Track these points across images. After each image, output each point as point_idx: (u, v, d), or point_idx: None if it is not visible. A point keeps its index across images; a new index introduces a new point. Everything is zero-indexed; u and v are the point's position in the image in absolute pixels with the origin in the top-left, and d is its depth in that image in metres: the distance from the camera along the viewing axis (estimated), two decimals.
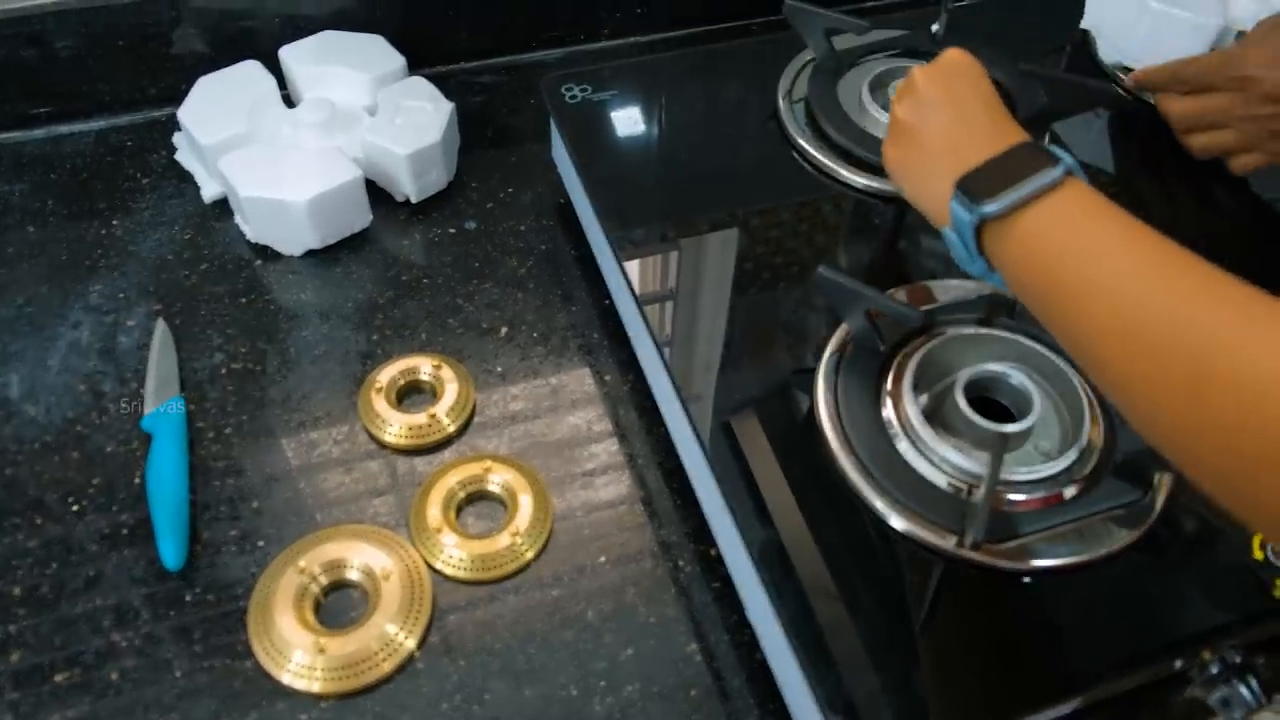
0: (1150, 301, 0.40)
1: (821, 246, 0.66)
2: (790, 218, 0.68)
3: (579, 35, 0.90)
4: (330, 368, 0.66)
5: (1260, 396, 0.35)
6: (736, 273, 0.65)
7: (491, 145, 0.82)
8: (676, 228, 0.67)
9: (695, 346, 0.62)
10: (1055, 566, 0.50)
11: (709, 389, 0.59)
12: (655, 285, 0.65)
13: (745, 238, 0.66)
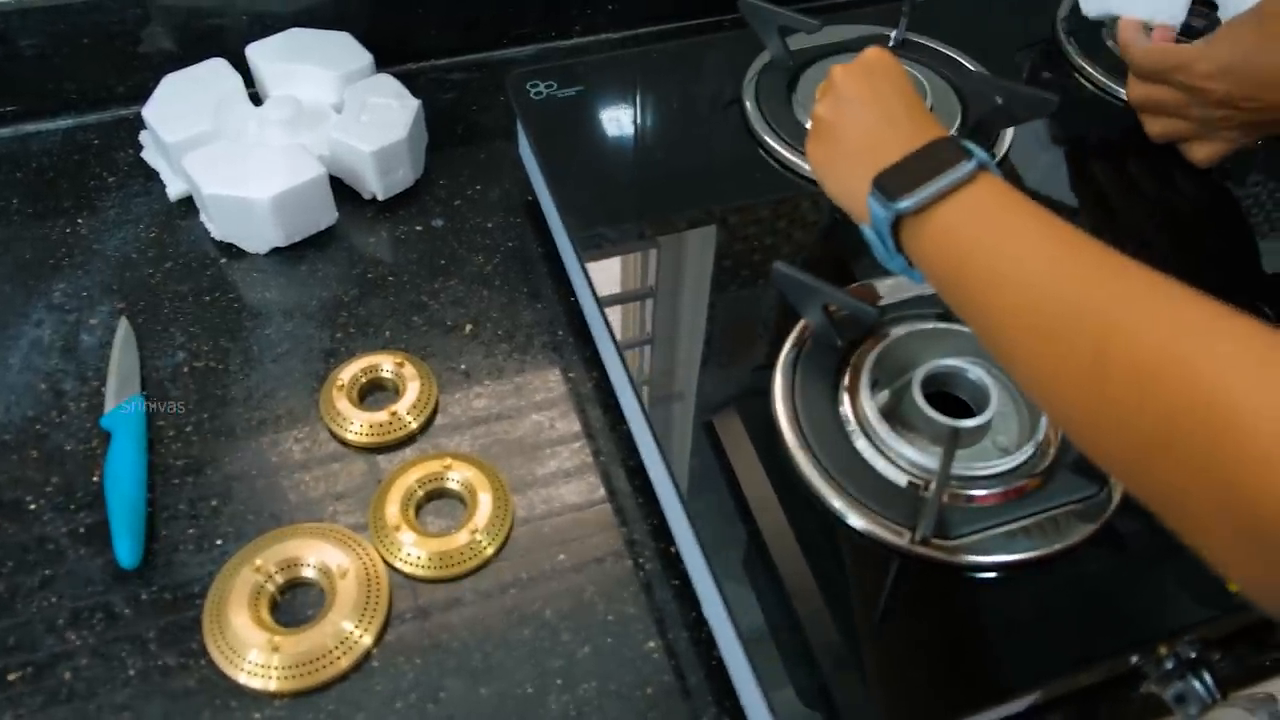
0: (1053, 286, 0.41)
1: (785, 242, 0.66)
2: (756, 214, 0.68)
3: (550, 32, 0.90)
4: (293, 366, 0.66)
5: (1154, 379, 0.35)
6: (699, 269, 0.65)
7: (460, 142, 0.81)
8: (640, 225, 0.67)
9: (655, 345, 0.62)
10: (1011, 562, 0.50)
11: (669, 388, 0.59)
12: (621, 284, 0.65)
13: (711, 235, 0.66)
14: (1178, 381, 0.34)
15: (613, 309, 0.62)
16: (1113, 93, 0.77)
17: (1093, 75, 0.78)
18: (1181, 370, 0.35)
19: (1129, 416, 0.36)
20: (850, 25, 0.78)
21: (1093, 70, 0.78)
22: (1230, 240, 0.70)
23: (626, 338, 0.62)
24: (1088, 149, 0.74)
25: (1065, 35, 0.81)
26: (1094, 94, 0.78)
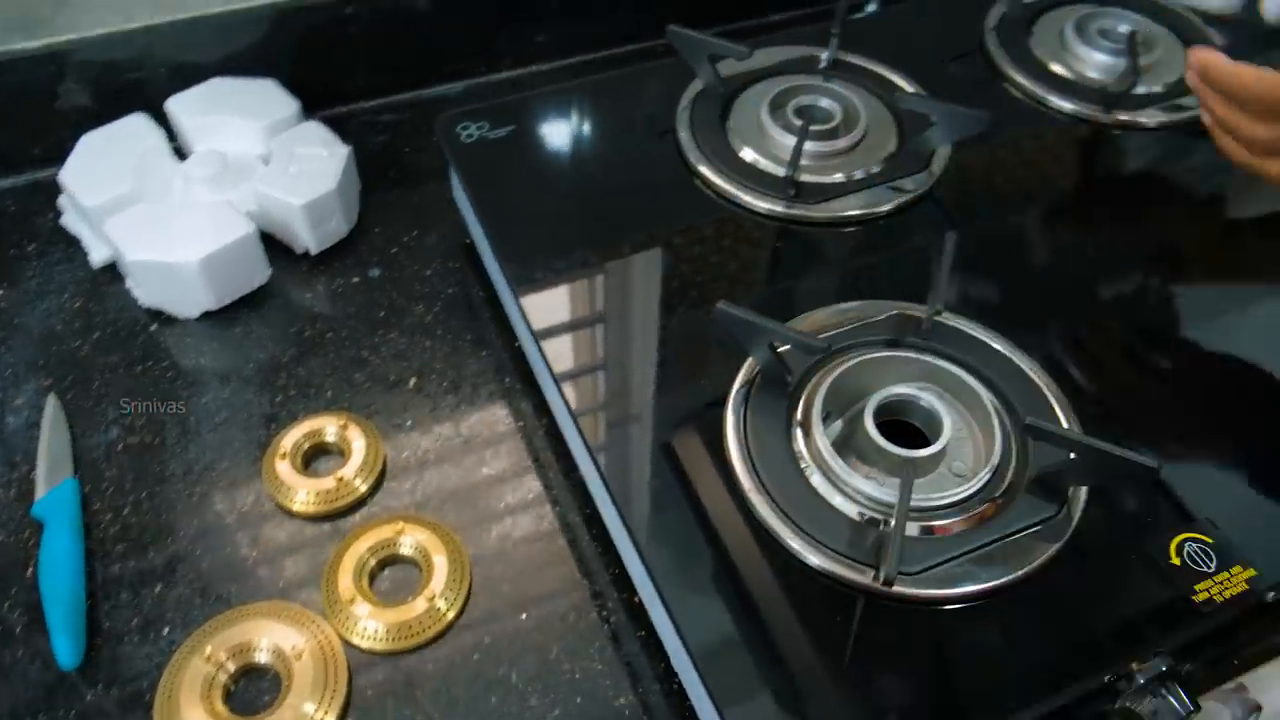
0: None
1: (725, 272, 0.65)
2: (700, 234, 0.67)
3: (480, 68, 0.89)
4: (232, 435, 0.64)
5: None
6: (646, 293, 0.64)
7: (394, 186, 0.80)
8: (582, 254, 0.66)
9: (608, 371, 0.61)
10: (978, 591, 0.50)
11: (624, 412, 0.58)
12: (569, 312, 0.64)
13: (656, 257, 0.65)
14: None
15: (556, 342, 0.61)
16: (1041, 100, 0.77)
17: (1022, 84, 0.78)
18: None
19: None
20: (780, 48, 0.78)
21: (1021, 79, 0.78)
22: (1159, 233, 0.70)
23: (579, 364, 0.61)
24: (1020, 156, 0.74)
25: (994, 45, 0.81)
26: (1024, 102, 0.78)
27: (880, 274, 0.65)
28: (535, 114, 0.74)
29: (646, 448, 0.57)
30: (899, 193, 0.68)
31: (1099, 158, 0.75)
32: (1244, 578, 0.51)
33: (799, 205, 0.67)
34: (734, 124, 0.72)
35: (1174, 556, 0.52)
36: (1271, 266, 0.68)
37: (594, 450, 0.56)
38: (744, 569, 0.51)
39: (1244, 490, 0.55)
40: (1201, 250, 0.69)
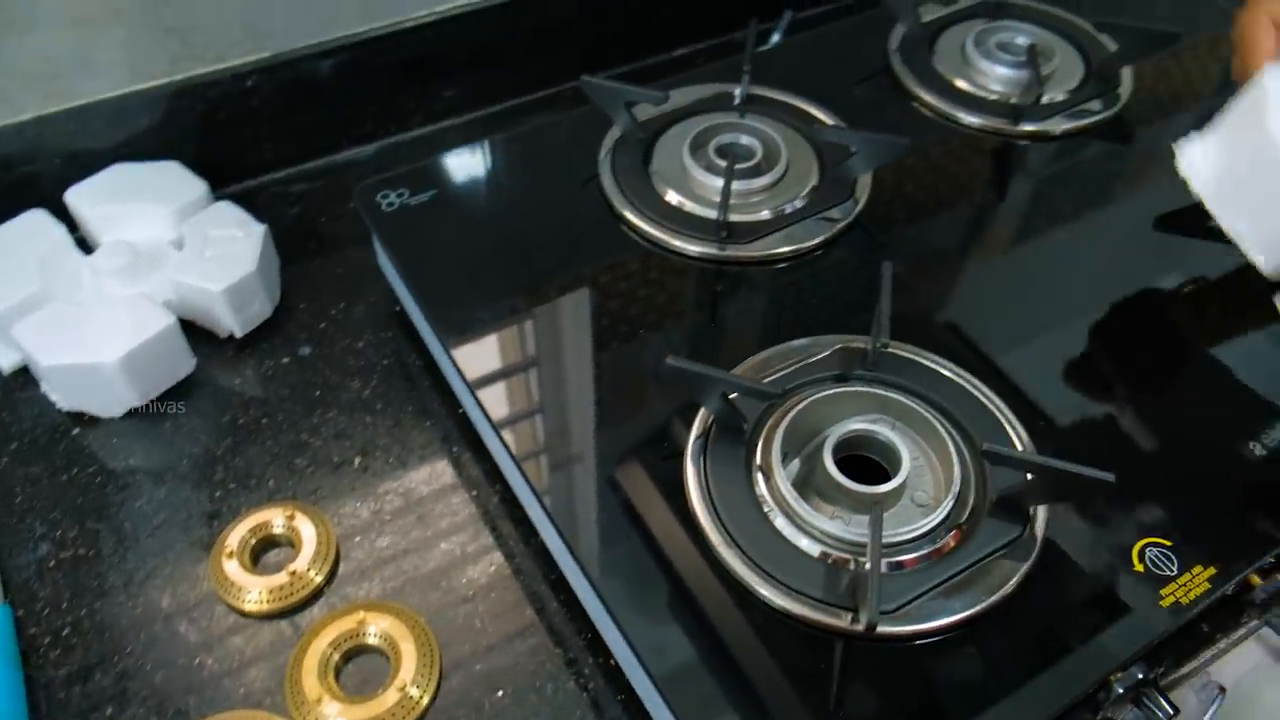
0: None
1: (665, 319, 0.65)
2: (629, 291, 0.66)
3: (390, 128, 0.87)
4: (173, 537, 0.61)
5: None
6: (573, 349, 0.63)
7: (315, 258, 0.78)
8: (508, 313, 0.65)
9: (545, 413, 0.60)
10: (955, 622, 0.50)
11: (567, 451, 0.57)
12: (500, 360, 0.63)
13: (585, 314, 0.65)
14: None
15: (494, 392, 0.61)
16: (951, 117, 0.79)
17: (930, 102, 0.80)
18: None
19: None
20: (693, 87, 0.78)
21: (929, 97, 0.80)
22: (1083, 238, 0.72)
23: (519, 412, 0.60)
24: (938, 174, 0.75)
25: (899, 65, 0.82)
26: (934, 120, 0.79)
27: (820, 308, 0.66)
28: (455, 174, 0.73)
29: (609, 508, 0.56)
30: (828, 224, 0.69)
31: (1013, 169, 0.77)
32: (1205, 577, 0.52)
33: (731, 246, 0.67)
34: (657, 167, 0.72)
35: (1137, 563, 0.53)
36: (1188, 261, 0.70)
37: (556, 518, 0.55)
38: (719, 623, 0.50)
39: (1194, 490, 0.57)
40: (1124, 253, 0.71)
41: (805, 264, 0.68)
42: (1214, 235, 0.72)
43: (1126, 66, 0.82)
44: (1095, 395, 0.61)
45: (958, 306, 0.66)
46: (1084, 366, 0.63)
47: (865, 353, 0.59)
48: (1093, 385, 0.61)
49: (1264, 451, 0.58)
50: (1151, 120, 0.81)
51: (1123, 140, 0.79)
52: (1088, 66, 0.83)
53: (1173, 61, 0.85)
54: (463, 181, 0.73)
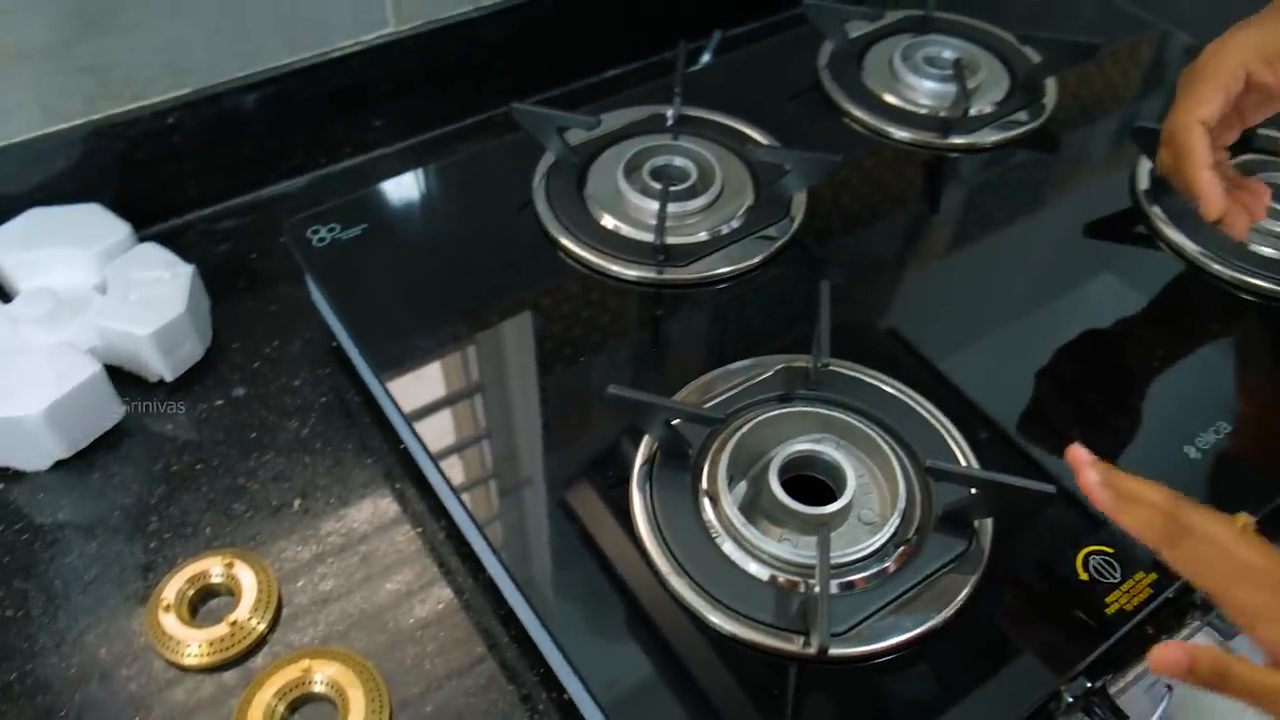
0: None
1: (604, 345, 0.64)
2: (568, 318, 0.66)
3: (320, 160, 0.85)
4: (106, 593, 0.59)
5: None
6: (516, 380, 0.62)
7: (247, 296, 0.76)
8: (445, 344, 0.64)
9: (492, 439, 0.59)
10: (907, 640, 0.50)
11: (520, 533, 0.56)
12: (445, 387, 0.62)
13: (524, 344, 0.64)
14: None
15: (432, 424, 0.60)
16: (882, 132, 0.80)
17: (860, 118, 0.80)
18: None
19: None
20: (626, 110, 0.78)
21: (859, 113, 0.80)
22: (1017, 247, 0.73)
23: (460, 441, 0.59)
24: (872, 189, 0.76)
25: (829, 81, 0.83)
26: (866, 135, 0.80)
27: (761, 327, 0.66)
28: (387, 206, 0.72)
29: (554, 539, 0.55)
30: (766, 242, 0.69)
31: (945, 182, 0.78)
32: (1147, 583, 0.53)
33: (670, 269, 0.67)
34: (592, 191, 0.72)
35: (1082, 572, 0.53)
36: (1119, 266, 0.71)
37: (500, 551, 0.54)
38: (670, 653, 0.50)
39: None
40: (1057, 260, 0.72)
41: (745, 284, 0.68)
42: (1142, 240, 0.73)
43: (1050, 77, 0.83)
44: (1038, 407, 0.62)
45: (897, 320, 0.67)
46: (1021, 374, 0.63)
47: (807, 372, 0.59)
48: (1032, 391, 0.62)
49: (1199, 454, 0.59)
50: (1077, 128, 0.82)
51: (1050, 149, 0.81)
52: (1013, 78, 0.84)
53: (1094, 70, 0.87)
54: (395, 213, 0.72)
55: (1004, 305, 0.68)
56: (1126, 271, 0.71)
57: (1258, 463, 0.60)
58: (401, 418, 0.61)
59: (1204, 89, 0.63)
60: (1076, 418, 0.61)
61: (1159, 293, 0.70)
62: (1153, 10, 0.95)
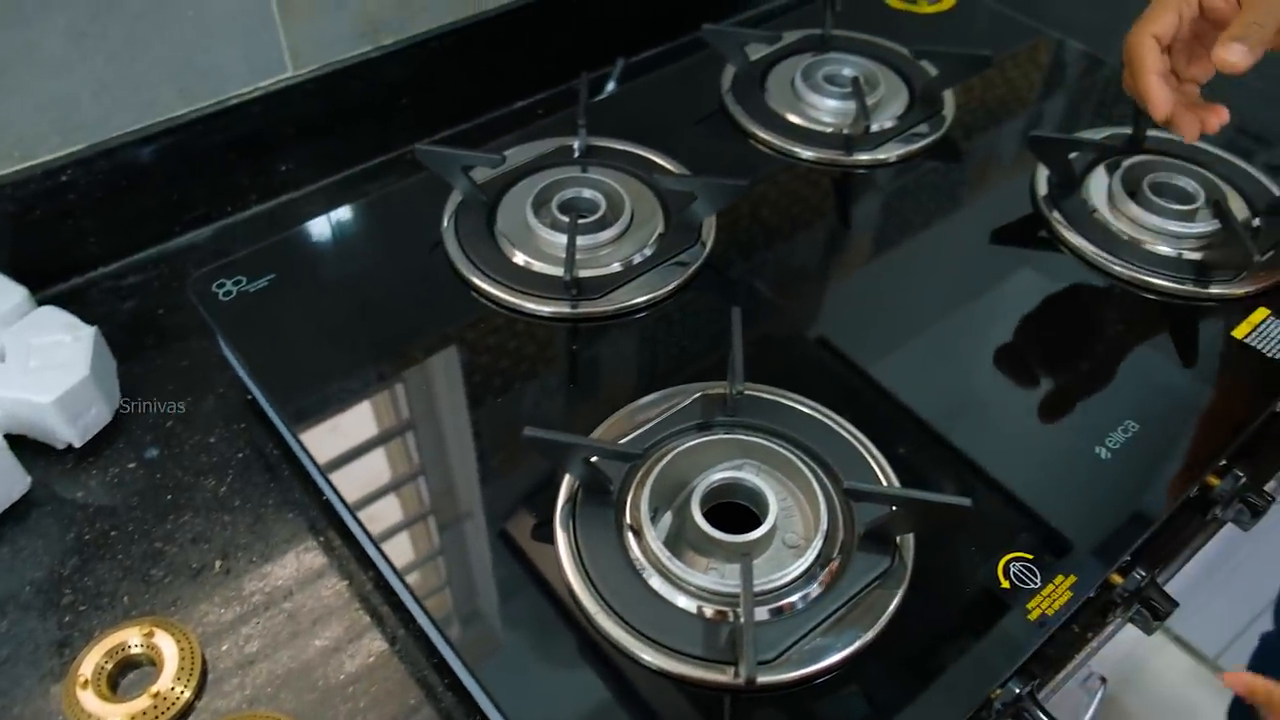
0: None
1: (518, 383, 0.64)
2: (482, 358, 0.66)
3: (225, 208, 0.84)
4: (19, 673, 0.57)
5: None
6: (432, 423, 0.62)
7: (157, 353, 0.74)
8: (359, 393, 0.63)
9: (428, 476, 0.58)
10: (838, 661, 0.50)
11: (443, 579, 0.55)
12: (366, 485, 0.61)
13: (437, 386, 0.64)
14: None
15: (346, 474, 0.59)
16: (787, 152, 0.81)
17: (765, 139, 0.81)
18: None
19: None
20: (532, 144, 0.78)
21: (764, 134, 0.81)
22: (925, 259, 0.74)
23: (372, 492, 0.59)
24: (781, 209, 0.77)
25: (733, 104, 0.84)
26: (772, 156, 0.81)
27: (679, 355, 0.66)
28: (294, 254, 0.71)
29: (479, 584, 0.55)
30: (679, 269, 0.70)
31: (853, 198, 0.79)
32: (1067, 586, 0.54)
33: (583, 303, 0.67)
34: (502, 228, 0.71)
35: (1003, 580, 0.54)
36: (1026, 272, 0.73)
37: (423, 600, 0.54)
38: (602, 692, 0.50)
39: (1049, 501, 0.58)
40: (966, 269, 0.73)
41: (660, 312, 0.68)
42: (1045, 244, 0.75)
43: (947, 89, 0.85)
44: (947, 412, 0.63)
45: (811, 339, 0.67)
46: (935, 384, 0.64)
47: (725, 399, 0.60)
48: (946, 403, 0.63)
49: (1109, 454, 0.60)
50: (977, 138, 0.84)
51: (953, 159, 0.82)
52: (912, 92, 0.86)
53: (991, 80, 0.89)
54: (303, 261, 0.71)
55: (917, 316, 0.69)
56: (1032, 276, 0.73)
57: (1165, 460, 0.61)
58: (317, 469, 0.60)
59: (1158, 7, 0.68)
60: (989, 423, 0.63)
61: (1063, 295, 0.72)
62: (1045, 20, 0.98)
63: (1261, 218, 0.75)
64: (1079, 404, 0.64)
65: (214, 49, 0.76)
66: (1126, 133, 0.81)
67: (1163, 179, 0.77)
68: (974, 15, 0.98)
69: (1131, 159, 0.79)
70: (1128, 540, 0.57)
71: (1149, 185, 0.76)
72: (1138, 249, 0.73)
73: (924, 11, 0.97)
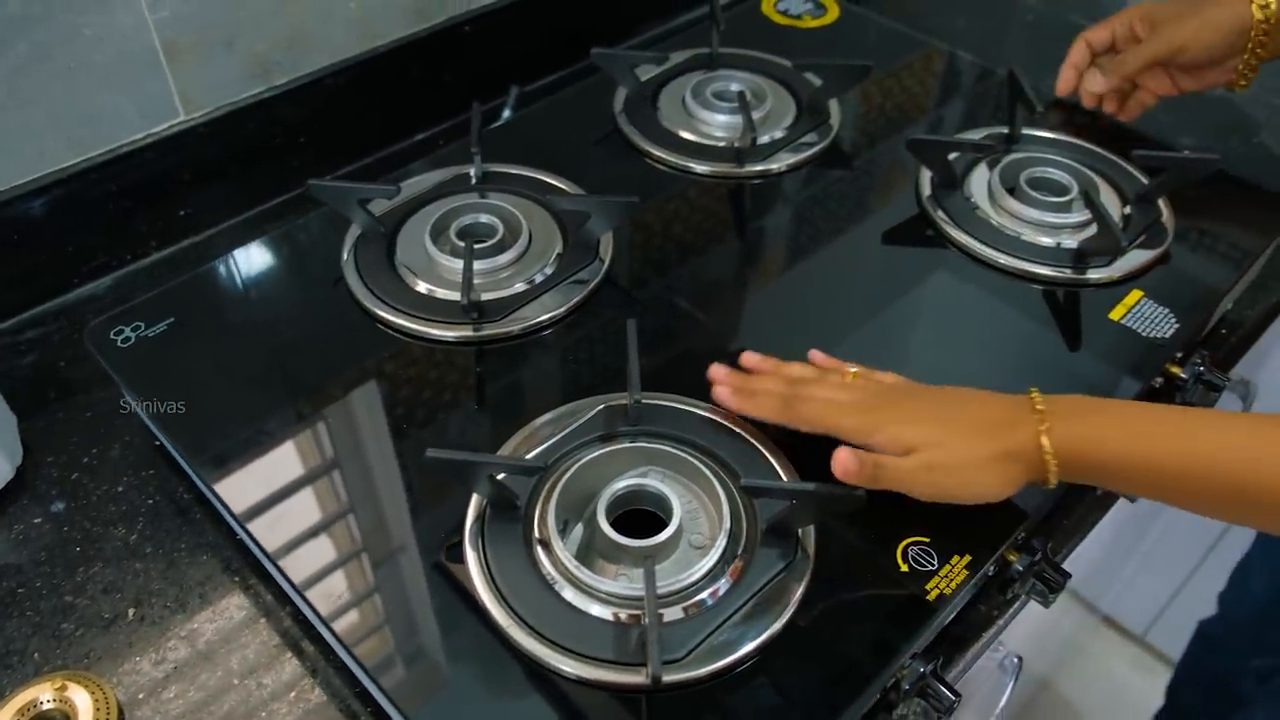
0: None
1: (430, 409, 0.65)
2: (392, 387, 0.66)
3: (125, 257, 0.83)
4: None
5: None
6: (342, 463, 0.62)
7: (59, 406, 0.73)
8: (269, 439, 0.63)
9: (356, 513, 0.59)
10: (747, 654, 0.52)
11: (359, 609, 0.56)
12: (302, 467, 0.61)
13: (347, 421, 0.64)
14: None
15: (263, 521, 0.59)
16: (681, 167, 0.83)
17: (660, 156, 0.83)
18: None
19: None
20: (430, 173, 0.79)
21: (658, 151, 0.84)
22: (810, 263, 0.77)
23: (294, 536, 0.59)
24: (676, 223, 0.79)
25: (626, 125, 0.86)
26: (667, 172, 0.83)
27: (583, 370, 0.67)
28: (192, 298, 0.70)
29: (394, 611, 0.55)
30: (579, 286, 0.71)
31: (747, 208, 0.81)
32: (963, 565, 0.56)
33: (487, 325, 0.68)
34: (402, 259, 0.72)
35: (902, 563, 0.56)
36: (915, 269, 0.76)
37: (341, 635, 0.54)
38: (524, 704, 0.50)
39: None
40: (859, 270, 0.76)
41: (563, 329, 0.70)
42: (933, 242, 0.78)
43: (832, 99, 0.88)
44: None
45: (708, 345, 0.69)
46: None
47: (626, 409, 0.61)
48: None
49: None
50: (864, 144, 0.87)
51: (842, 166, 0.85)
52: (798, 104, 0.89)
53: (880, 89, 0.93)
54: (202, 303, 0.71)
55: (811, 316, 0.72)
56: (921, 273, 0.75)
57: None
58: (232, 516, 0.60)
59: (1102, 23, 0.87)
60: None
61: (952, 289, 0.74)
62: (925, 30, 1.02)
63: (1132, 206, 0.79)
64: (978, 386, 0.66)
65: (101, 97, 0.76)
66: (1004, 132, 0.85)
67: (1039, 174, 0.81)
68: (858, 29, 1.02)
69: (1009, 156, 0.82)
70: (1018, 517, 0.59)
71: (1026, 180, 0.79)
72: (1018, 241, 0.76)
73: (807, 26, 1.00)
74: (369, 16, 0.87)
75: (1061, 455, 0.54)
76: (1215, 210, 0.81)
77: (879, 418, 0.57)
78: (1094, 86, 0.87)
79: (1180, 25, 0.82)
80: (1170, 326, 0.70)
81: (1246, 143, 0.95)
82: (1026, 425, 0.55)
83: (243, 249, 0.75)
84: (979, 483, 0.55)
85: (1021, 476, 0.56)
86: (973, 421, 0.56)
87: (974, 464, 0.55)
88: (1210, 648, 1.22)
